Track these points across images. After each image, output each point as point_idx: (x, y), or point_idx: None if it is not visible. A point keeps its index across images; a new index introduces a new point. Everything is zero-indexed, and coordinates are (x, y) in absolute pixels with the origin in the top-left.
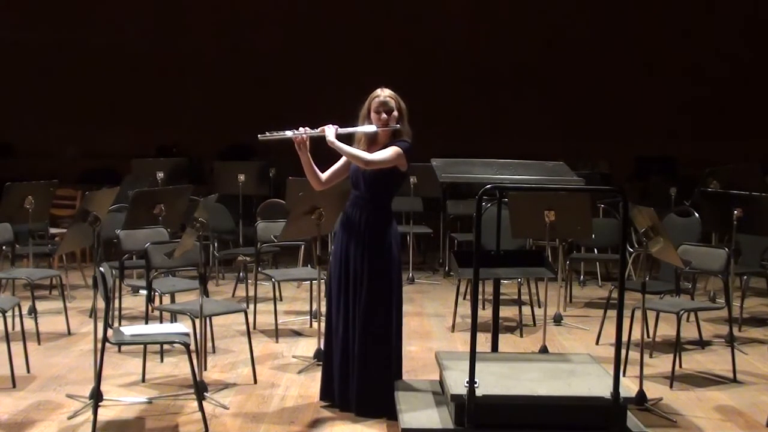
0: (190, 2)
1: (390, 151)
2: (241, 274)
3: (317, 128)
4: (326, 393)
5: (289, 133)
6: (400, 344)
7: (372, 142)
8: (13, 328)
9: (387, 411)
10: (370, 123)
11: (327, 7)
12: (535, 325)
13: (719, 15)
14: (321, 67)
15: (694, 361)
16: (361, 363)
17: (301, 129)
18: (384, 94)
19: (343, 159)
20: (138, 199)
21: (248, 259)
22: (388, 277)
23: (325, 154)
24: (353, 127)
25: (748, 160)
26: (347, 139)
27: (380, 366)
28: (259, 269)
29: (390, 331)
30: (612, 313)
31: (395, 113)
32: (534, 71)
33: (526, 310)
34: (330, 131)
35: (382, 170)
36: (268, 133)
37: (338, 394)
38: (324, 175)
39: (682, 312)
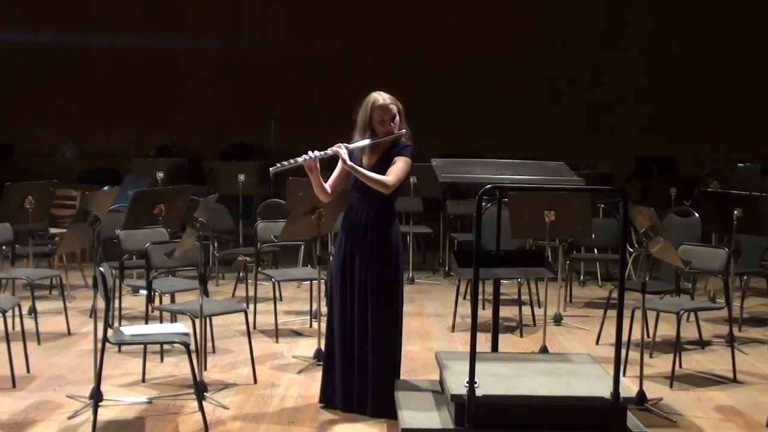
0: (190, 2)
1: (401, 165)
2: (241, 274)
3: (327, 149)
4: (327, 396)
5: (300, 160)
6: (401, 344)
7: (373, 148)
8: (13, 328)
9: (393, 410)
10: (372, 129)
11: (327, 7)
12: (535, 325)
13: (720, 15)
14: (321, 68)
15: (694, 361)
16: (370, 363)
17: (310, 153)
18: (385, 100)
19: (341, 165)
20: (138, 199)
21: (248, 259)
22: (395, 276)
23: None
24: (354, 133)
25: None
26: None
27: (387, 365)
28: (259, 269)
29: (397, 331)
30: (612, 313)
31: (397, 118)
32: (534, 71)
33: (526, 310)
34: (344, 153)
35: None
36: (278, 164)
37: (342, 395)
38: (327, 186)
39: (682, 312)
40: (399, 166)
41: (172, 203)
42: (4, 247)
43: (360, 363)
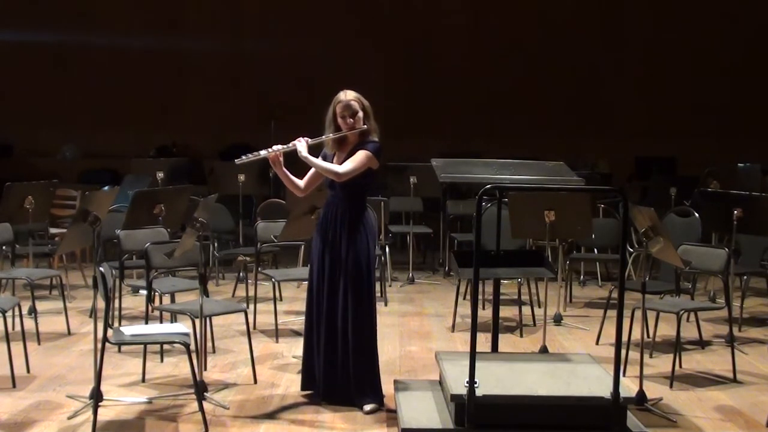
0: (190, 2)
1: (359, 157)
2: (241, 274)
3: (289, 143)
4: (308, 384)
5: (263, 153)
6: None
7: (341, 144)
8: (13, 328)
9: (378, 395)
10: (337, 127)
11: (327, 8)
12: (535, 325)
13: (720, 15)
14: (321, 68)
15: (694, 361)
16: (351, 361)
17: (274, 147)
18: (347, 97)
19: None
20: (138, 199)
21: (248, 259)
22: (367, 284)
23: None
24: (323, 134)
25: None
26: (320, 144)
27: (367, 349)
28: (259, 269)
29: (371, 326)
30: (612, 313)
31: (360, 114)
32: (534, 71)
33: (526, 310)
34: (301, 146)
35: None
36: (243, 157)
37: (323, 385)
38: (302, 183)
39: (682, 312)
40: (356, 157)
41: (172, 203)
42: (4, 247)
43: (341, 359)
